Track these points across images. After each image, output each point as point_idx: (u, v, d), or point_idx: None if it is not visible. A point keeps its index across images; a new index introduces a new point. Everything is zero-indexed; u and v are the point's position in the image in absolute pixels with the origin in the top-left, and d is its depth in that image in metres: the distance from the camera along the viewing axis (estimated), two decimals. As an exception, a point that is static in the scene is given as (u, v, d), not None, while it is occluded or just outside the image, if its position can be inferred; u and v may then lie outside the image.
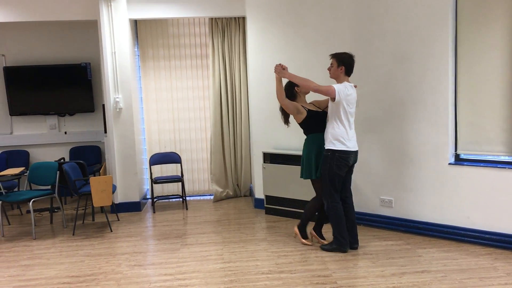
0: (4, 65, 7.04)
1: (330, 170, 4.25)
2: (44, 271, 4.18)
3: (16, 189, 6.46)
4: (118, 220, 5.84)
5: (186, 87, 6.88)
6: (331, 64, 4.31)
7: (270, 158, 5.68)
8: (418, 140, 4.70)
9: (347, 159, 4.25)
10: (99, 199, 5.26)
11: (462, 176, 4.44)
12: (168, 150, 6.86)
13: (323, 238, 4.62)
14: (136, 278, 3.92)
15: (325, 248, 4.42)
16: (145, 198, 6.77)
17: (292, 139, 5.60)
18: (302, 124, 4.48)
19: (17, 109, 7.07)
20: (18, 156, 7.08)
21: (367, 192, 5.14)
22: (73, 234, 5.29)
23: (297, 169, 5.00)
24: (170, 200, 6.89)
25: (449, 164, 4.52)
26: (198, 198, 6.96)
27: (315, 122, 4.42)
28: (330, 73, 4.33)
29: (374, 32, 4.90)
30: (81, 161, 5.83)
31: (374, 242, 4.59)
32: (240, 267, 4.05)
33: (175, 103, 6.87)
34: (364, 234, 4.82)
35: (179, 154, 6.62)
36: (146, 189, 6.87)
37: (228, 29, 6.53)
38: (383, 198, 5.03)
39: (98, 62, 6.97)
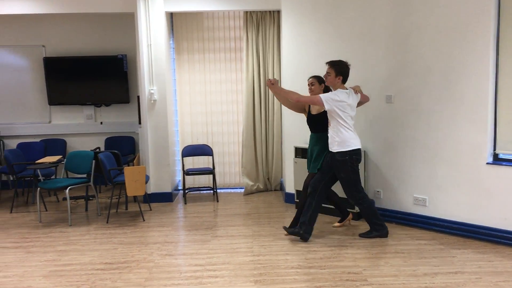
0: (44, 56, 7.24)
1: (352, 174, 4.49)
2: (79, 257, 4.30)
3: (53, 177, 6.65)
4: (150, 210, 5.94)
5: (220, 80, 6.91)
6: (327, 72, 4.50)
7: (302, 152, 5.65)
8: (455, 138, 4.58)
9: (359, 157, 4.53)
10: (132, 188, 5.36)
11: (500, 176, 4.31)
12: (200, 142, 6.92)
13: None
14: (168, 267, 3.99)
15: (364, 235, 4.65)
16: (176, 189, 6.86)
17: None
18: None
19: (55, 99, 7.27)
20: (55, 145, 7.29)
21: (400, 190, 5.06)
22: (107, 222, 5.41)
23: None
24: (201, 192, 6.96)
25: (487, 163, 4.39)
26: (229, 190, 7.00)
27: (310, 124, 4.83)
28: (326, 81, 4.56)
29: (412, 27, 4.79)
30: (116, 151, 5.95)
31: (406, 240, 4.51)
32: (269, 261, 4.06)
33: (208, 96, 6.92)
34: (396, 233, 4.75)
35: (211, 147, 6.67)
36: (178, 181, 6.95)
37: (263, 22, 6.51)
38: (416, 196, 4.93)
39: (134, 54, 7.07)
